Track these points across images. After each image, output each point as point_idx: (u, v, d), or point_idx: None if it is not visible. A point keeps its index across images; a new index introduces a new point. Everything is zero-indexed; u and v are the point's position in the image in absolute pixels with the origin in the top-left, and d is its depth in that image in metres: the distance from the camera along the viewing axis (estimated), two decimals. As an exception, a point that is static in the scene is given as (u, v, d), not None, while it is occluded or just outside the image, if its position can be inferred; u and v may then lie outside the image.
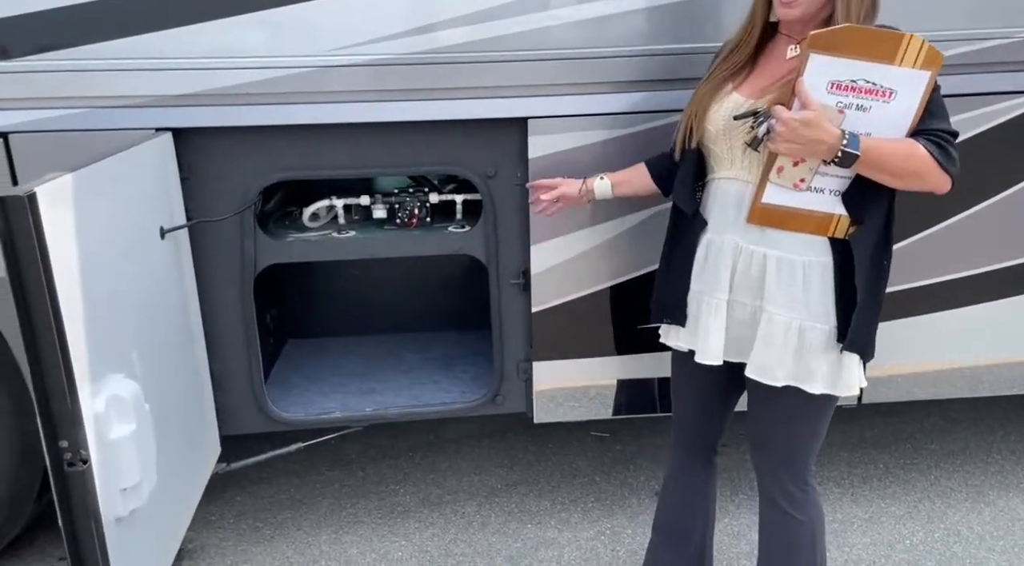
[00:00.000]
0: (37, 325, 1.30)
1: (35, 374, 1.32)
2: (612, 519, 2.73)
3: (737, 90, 1.69)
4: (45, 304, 1.30)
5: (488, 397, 2.55)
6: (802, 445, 1.79)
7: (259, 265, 2.35)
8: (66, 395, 1.34)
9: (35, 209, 1.28)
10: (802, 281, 1.63)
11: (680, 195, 1.82)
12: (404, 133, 2.26)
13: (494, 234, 2.38)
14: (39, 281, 1.28)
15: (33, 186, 1.31)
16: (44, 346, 1.31)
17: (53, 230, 1.33)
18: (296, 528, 2.76)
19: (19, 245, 1.26)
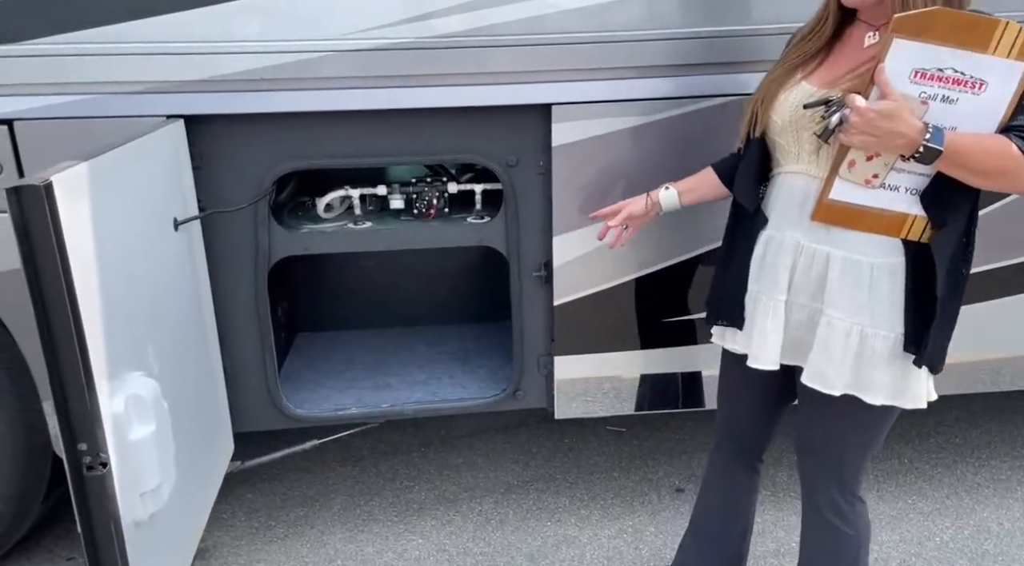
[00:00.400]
0: (54, 321, 1.23)
1: (52, 372, 1.25)
2: (633, 516, 2.67)
3: (807, 79, 1.58)
4: (62, 299, 1.23)
5: (508, 392, 2.48)
6: (855, 455, 1.69)
7: (273, 257, 2.27)
8: (84, 395, 1.27)
9: (51, 199, 1.20)
10: (868, 284, 1.52)
11: (741, 190, 1.71)
12: (423, 120, 2.18)
13: (515, 225, 2.31)
14: (56, 274, 1.21)
15: (49, 174, 1.23)
16: (62, 343, 1.23)
17: (69, 221, 1.25)
18: (310, 526, 2.70)
19: (35, 237, 1.19)
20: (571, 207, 2.25)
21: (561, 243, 2.29)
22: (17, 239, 1.19)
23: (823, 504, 1.74)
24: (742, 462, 1.97)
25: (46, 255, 1.20)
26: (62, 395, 1.26)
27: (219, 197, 2.18)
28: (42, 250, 1.19)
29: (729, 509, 2.00)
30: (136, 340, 1.56)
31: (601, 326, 2.38)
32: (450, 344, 3.07)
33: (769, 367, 1.66)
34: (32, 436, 2.32)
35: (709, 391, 2.50)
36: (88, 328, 1.30)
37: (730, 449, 1.97)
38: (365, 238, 2.34)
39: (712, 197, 1.90)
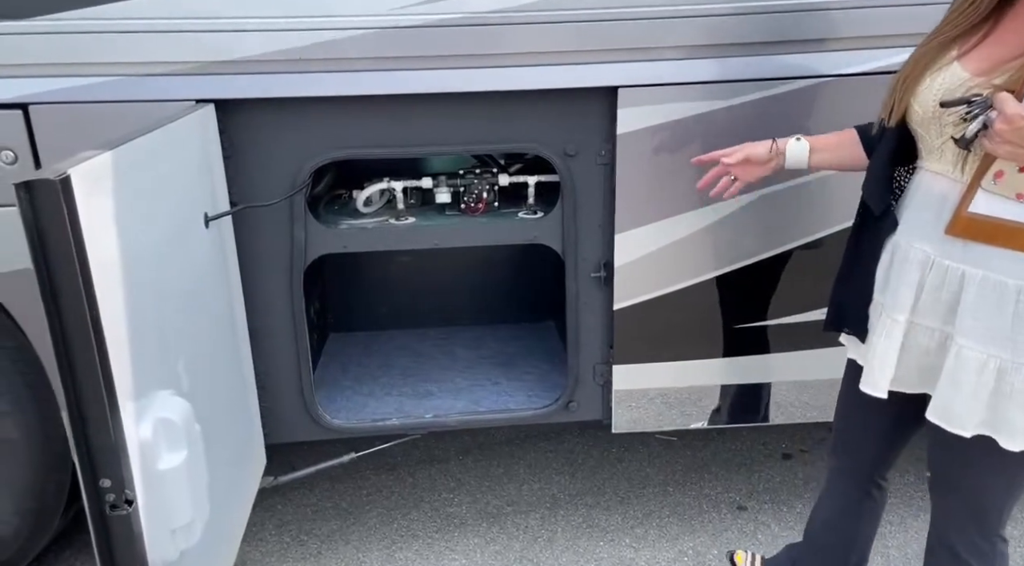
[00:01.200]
0: (71, 336, 1.04)
1: (70, 397, 1.07)
2: (693, 537, 2.47)
3: (961, 61, 1.32)
4: (81, 310, 1.04)
5: (560, 403, 2.28)
6: (996, 498, 1.47)
7: (310, 255, 2.09)
8: (108, 422, 1.09)
9: (69, 195, 1.02)
10: (1012, 310, 1.29)
11: (869, 186, 1.49)
12: (475, 105, 1.98)
13: (573, 221, 2.10)
14: (74, 283, 1.03)
15: (66, 167, 1.04)
16: (81, 363, 1.05)
17: (89, 220, 1.07)
18: (344, 542, 2.52)
19: (49, 240, 1.00)
20: (635, 202, 2.04)
21: (624, 241, 2.08)
22: (28, 242, 1.01)
23: (959, 544, 1.52)
24: (855, 480, 1.76)
25: (62, 260, 1.01)
26: (81, 423, 1.08)
27: (251, 190, 1.99)
28: (57, 255, 1.01)
29: (840, 528, 1.80)
30: (164, 353, 1.37)
31: (666, 333, 2.17)
32: (491, 347, 2.87)
33: (877, 394, 1.45)
34: (50, 446, 2.15)
35: (777, 404, 2.28)
36: (111, 343, 1.11)
37: (845, 464, 1.77)
38: (408, 235, 2.15)
39: (849, 164, 1.62)
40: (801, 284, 2.12)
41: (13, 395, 2.08)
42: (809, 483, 2.71)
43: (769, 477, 2.76)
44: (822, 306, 2.15)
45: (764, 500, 2.63)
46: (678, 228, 2.06)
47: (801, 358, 2.22)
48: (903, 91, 1.37)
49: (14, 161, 1.83)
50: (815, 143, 1.65)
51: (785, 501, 2.62)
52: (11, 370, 2.07)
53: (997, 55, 1.28)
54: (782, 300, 2.14)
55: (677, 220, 2.05)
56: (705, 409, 2.26)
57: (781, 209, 2.07)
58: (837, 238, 2.08)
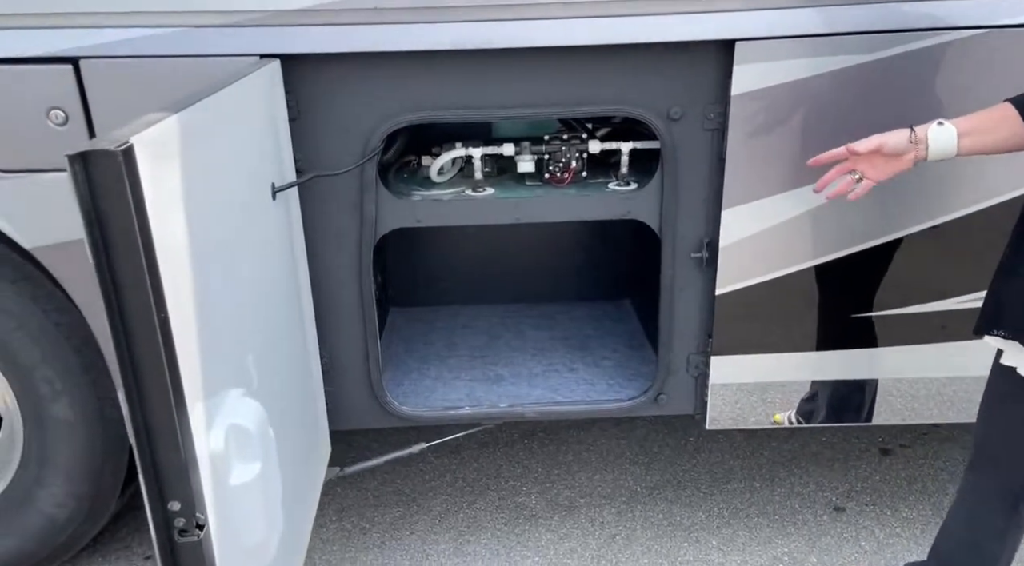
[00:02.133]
0: (135, 334, 0.87)
1: (133, 404, 0.90)
2: (788, 541, 2.26)
3: None
4: (146, 303, 0.87)
5: (649, 396, 2.08)
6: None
7: (380, 230, 1.90)
8: (177, 434, 0.92)
9: (132, 168, 0.83)
10: None
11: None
12: (570, 62, 1.75)
13: (673, 195, 1.87)
14: (138, 272, 0.85)
15: (127, 134, 0.85)
16: (146, 365, 0.88)
17: (154, 198, 0.88)
18: (409, 531, 2.37)
19: (110, 221, 0.82)
20: (748, 173, 1.80)
21: (731, 218, 1.84)
22: (84, 225, 0.83)
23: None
24: (1002, 500, 1.54)
25: (124, 245, 0.83)
26: (147, 436, 0.91)
27: (318, 157, 1.80)
28: (119, 239, 0.83)
29: (981, 551, 1.58)
30: (234, 348, 1.20)
31: (773, 321, 1.94)
32: (564, 327, 2.67)
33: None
34: (107, 427, 2.04)
35: (887, 403, 2.05)
36: (179, 341, 0.94)
37: (992, 482, 1.56)
38: (487, 209, 1.94)
39: (1009, 145, 1.37)
40: (936, 269, 1.87)
41: (68, 374, 1.96)
42: (913, 483, 2.48)
43: (867, 475, 2.53)
44: (950, 295, 1.92)
45: (864, 501, 2.41)
46: (796, 203, 1.82)
47: (918, 353, 1.98)
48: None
49: (65, 121, 1.67)
50: (963, 126, 1.38)
51: (888, 503, 2.39)
52: (65, 347, 1.94)
53: None
54: (907, 287, 1.90)
55: (796, 194, 1.81)
56: (814, 406, 2.04)
57: (917, 184, 1.80)
58: (976, 218, 1.82)
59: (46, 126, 1.66)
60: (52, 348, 1.94)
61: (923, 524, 2.30)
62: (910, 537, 2.25)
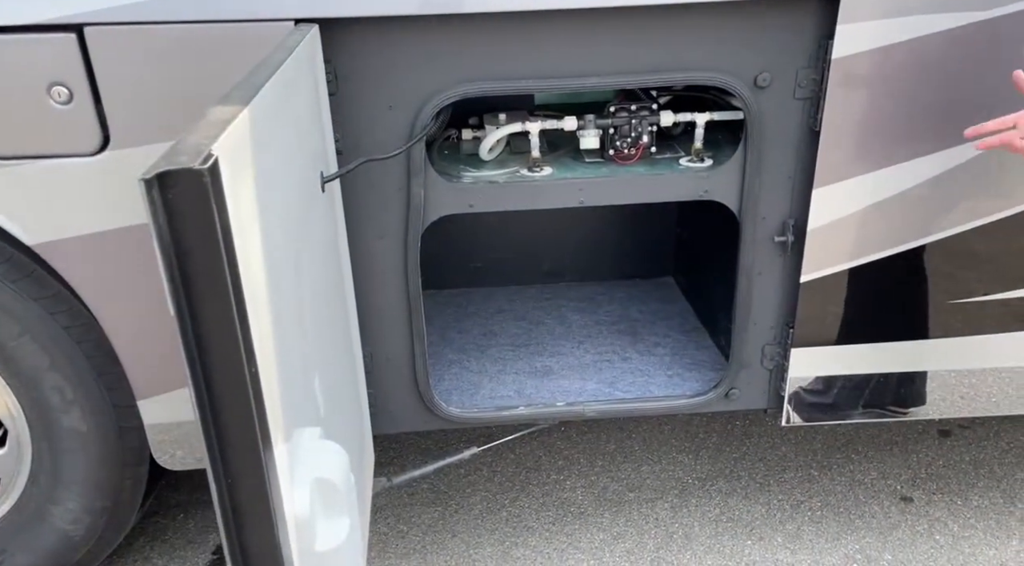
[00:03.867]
0: (226, 405, 0.67)
1: (221, 489, 0.71)
2: (857, 536, 2.14)
3: None
4: (238, 364, 0.66)
5: (719, 391, 1.92)
6: None
7: (429, 217, 1.69)
8: (270, 515, 0.73)
9: (218, 187, 0.62)
10: None
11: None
12: (643, 23, 1.54)
13: (757, 172, 1.68)
14: (229, 321, 0.65)
15: (204, 141, 0.64)
16: (238, 441, 0.69)
17: (236, 220, 0.67)
18: (451, 534, 2.22)
19: (193, 259, 0.62)
20: (844, 148, 1.61)
21: (823, 198, 1.66)
22: (163, 263, 0.62)
23: None
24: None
25: (212, 286, 0.63)
26: (235, 522, 0.72)
27: (360, 136, 1.58)
28: (206, 278, 0.62)
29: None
30: (304, 380, 1.00)
31: (863, 309, 1.77)
32: (607, 309, 2.50)
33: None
34: (124, 438, 1.85)
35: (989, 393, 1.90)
36: (266, 390, 0.74)
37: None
38: (548, 192, 1.73)
39: None
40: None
41: (80, 382, 1.75)
42: (980, 468, 2.36)
43: (930, 459, 2.41)
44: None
45: (931, 490, 2.29)
46: (898, 181, 1.63)
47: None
48: None
49: (69, 100, 1.43)
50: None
51: (957, 491, 2.27)
52: (76, 353, 1.74)
53: None
54: (1015, 269, 1.73)
55: (898, 170, 1.62)
56: (896, 398, 1.89)
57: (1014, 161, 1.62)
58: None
59: (47, 105, 1.43)
60: (61, 354, 1.73)
61: (996, 514, 2.19)
62: (985, 528, 2.14)
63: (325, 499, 0.91)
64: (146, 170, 0.58)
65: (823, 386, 1.86)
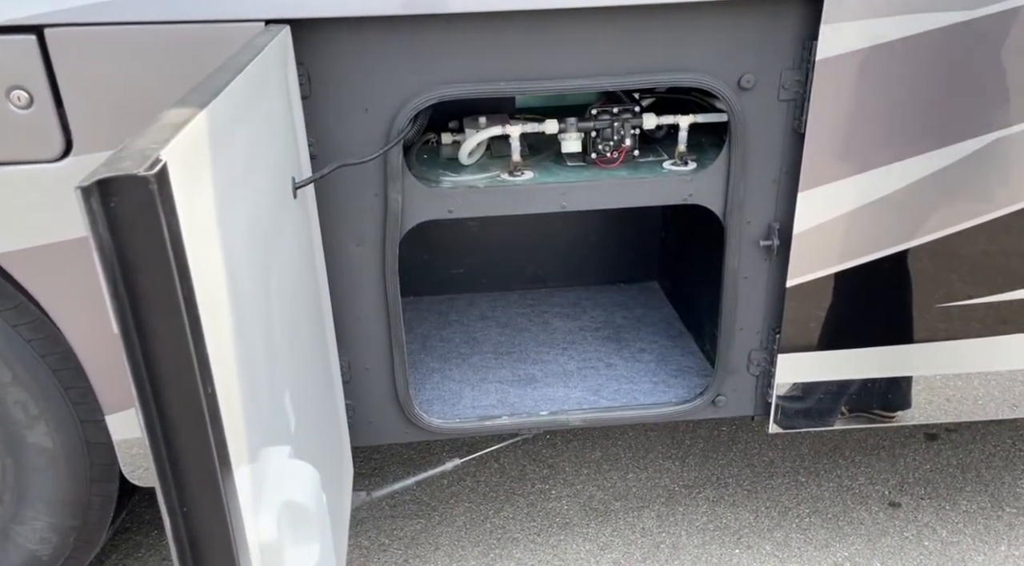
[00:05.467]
0: (179, 430, 0.62)
1: (175, 519, 0.66)
2: (846, 543, 2.11)
3: None
4: (193, 387, 0.62)
5: (705, 398, 1.88)
6: None
7: (407, 223, 1.64)
8: (230, 547, 0.68)
9: (167, 195, 0.57)
10: None
11: None
12: (627, 24, 1.50)
13: (742, 175, 1.65)
14: (182, 340, 0.60)
15: (154, 147, 0.59)
16: (192, 466, 0.64)
17: (189, 230, 0.63)
18: (433, 546, 2.17)
19: (141, 274, 0.57)
20: (829, 151, 1.59)
21: (808, 201, 1.63)
22: (105, 278, 0.57)
23: None
24: None
25: (162, 303, 0.58)
26: (193, 557, 0.67)
27: (335, 141, 1.53)
28: (155, 294, 0.58)
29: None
30: (272, 397, 0.95)
31: (850, 314, 1.75)
32: (591, 315, 2.46)
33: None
34: (93, 454, 1.78)
35: (977, 398, 1.88)
36: (225, 412, 0.69)
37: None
38: (529, 197, 1.69)
39: None
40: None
41: (44, 397, 1.69)
42: (967, 472, 2.34)
43: (917, 464, 2.39)
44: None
45: (919, 495, 2.27)
46: (885, 183, 1.61)
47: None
48: None
49: (29, 104, 1.37)
50: None
51: (945, 496, 2.25)
52: (40, 367, 1.67)
53: None
54: (1007, 272, 1.71)
55: (885, 172, 1.60)
56: (885, 403, 1.86)
57: (1008, 163, 1.61)
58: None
59: (6, 110, 1.37)
60: (24, 368, 1.67)
61: (984, 518, 2.17)
62: (974, 534, 2.12)
63: (294, 523, 0.86)
64: (84, 177, 0.53)
65: (811, 392, 1.83)
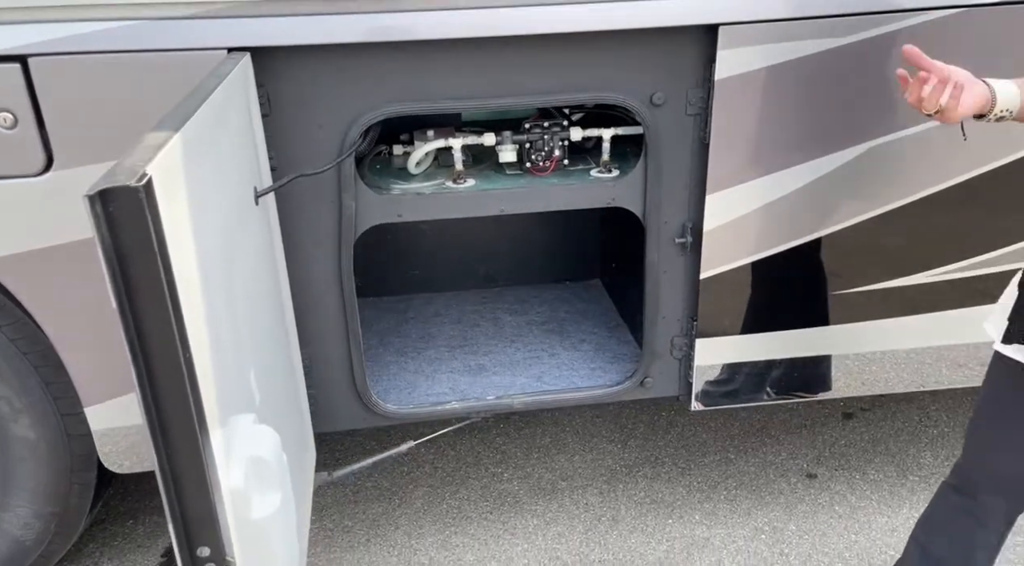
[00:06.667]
0: (163, 385, 0.81)
1: (161, 457, 0.84)
2: (766, 511, 2.34)
3: None
4: (173, 350, 0.80)
5: (634, 380, 2.09)
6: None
7: (360, 227, 1.83)
8: (206, 484, 0.87)
9: (152, 201, 0.76)
10: None
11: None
12: (551, 49, 1.71)
13: (657, 181, 1.86)
14: (164, 315, 0.78)
15: (141, 164, 0.77)
16: (174, 415, 0.82)
17: (170, 229, 0.81)
18: (393, 527, 2.35)
19: (133, 264, 0.75)
20: (731, 158, 1.81)
21: (715, 203, 1.85)
22: (106, 267, 0.75)
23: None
24: (997, 510, 1.50)
25: (150, 286, 0.76)
26: (175, 488, 0.85)
27: (293, 155, 1.71)
28: (144, 279, 0.76)
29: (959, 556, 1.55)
30: (240, 371, 1.14)
31: (757, 302, 1.97)
32: (538, 311, 2.66)
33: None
34: (72, 444, 1.93)
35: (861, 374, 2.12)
36: (201, 380, 0.87)
37: (984, 491, 1.50)
38: (470, 201, 1.89)
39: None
40: (910, 244, 1.93)
41: (26, 392, 1.84)
42: (877, 445, 2.59)
43: (834, 440, 2.63)
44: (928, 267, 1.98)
45: (834, 466, 2.51)
46: (779, 186, 1.84)
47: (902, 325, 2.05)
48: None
49: (14, 125, 1.53)
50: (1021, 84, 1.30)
51: (856, 467, 2.50)
52: (22, 364, 1.82)
53: None
54: (887, 263, 1.95)
55: (779, 176, 1.83)
56: (793, 381, 2.09)
57: (894, 162, 1.85)
58: (955, 192, 1.88)
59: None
60: (8, 365, 1.81)
61: (890, 486, 2.41)
62: (880, 499, 2.36)
63: (259, 474, 1.04)
64: (90, 188, 0.71)
65: (728, 373, 2.05)
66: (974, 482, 1.52)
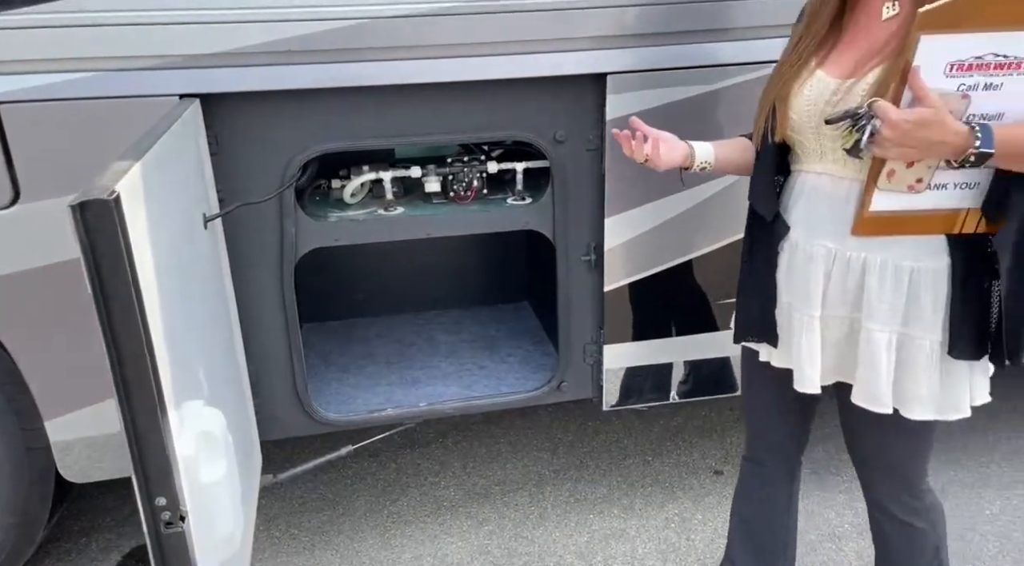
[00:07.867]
0: (127, 358, 1.01)
1: (127, 420, 1.04)
2: (677, 503, 2.59)
3: (823, 67, 1.40)
4: (136, 332, 1.01)
5: (551, 385, 2.34)
6: (913, 458, 1.57)
7: (300, 250, 2.05)
8: (163, 443, 1.07)
9: (120, 212, 0.98)
10: (907, 289, 1.38)
11: (757, 195, 1.55)
12: (463, 95, 1.98)
13: (563, 206, 2.14)
14: (128, 303, 0.99)
15: (112, 183, 1.00)
16: (136, 383, 1.02)
17: (135, 236, 1.03)
18: (337, 532, 2.52)
19: (104, 259, 0.97)
20: (624, 186, 2.09)
21: (613, 225, 2.13)
22: (84, 263, 0.96)
23: (890, 504, 1.62)
24: (780, 470, 1.82)
25: (118, 282, 0.98)
26: (138, 446, 1.05)
27: (239, 186, 1.93)
28: (113, 275, 0.97)
29: (776, 524, 1.86)
30: (192, 364, 1.34)
31: (654, 311, 2.25)
32: (471, 330, 2.90)
33: (813, 391, 1.51)
34: (33, 457, 2.07)
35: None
36: (159, 359, 1.08)
37: (766, 458, 1.82)
38: (399, 226, 2.14)
39: (744, 165, 1.63)
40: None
41: (-11, 407, 1.99)
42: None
43: (739, 441, 2.91)
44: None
45: (738, 464, 2.76)
46: (664, 211, 2.13)
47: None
48: (781, 106, 1.43)
49: (-14, 164, 1.73)
50: (717, 151, 1.68)
51: (759, 463, 2.77)
52: (-15, 383, 1.97)
53: (853, 55, 1.37)
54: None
55: (663, 203, 2.12)
56: (691, 383, 2.36)
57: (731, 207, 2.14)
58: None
59: (-34, 168, 1.72)
60: (-29, 384, 1.96)
61: (788, 478, 2.69)
62: (778, 489, 2.62)
63: (207, 445, 1.24)
64: (73, 198, 0.93)
65: (633, 375, 2.31)
66: (758, 452, 1.83)
